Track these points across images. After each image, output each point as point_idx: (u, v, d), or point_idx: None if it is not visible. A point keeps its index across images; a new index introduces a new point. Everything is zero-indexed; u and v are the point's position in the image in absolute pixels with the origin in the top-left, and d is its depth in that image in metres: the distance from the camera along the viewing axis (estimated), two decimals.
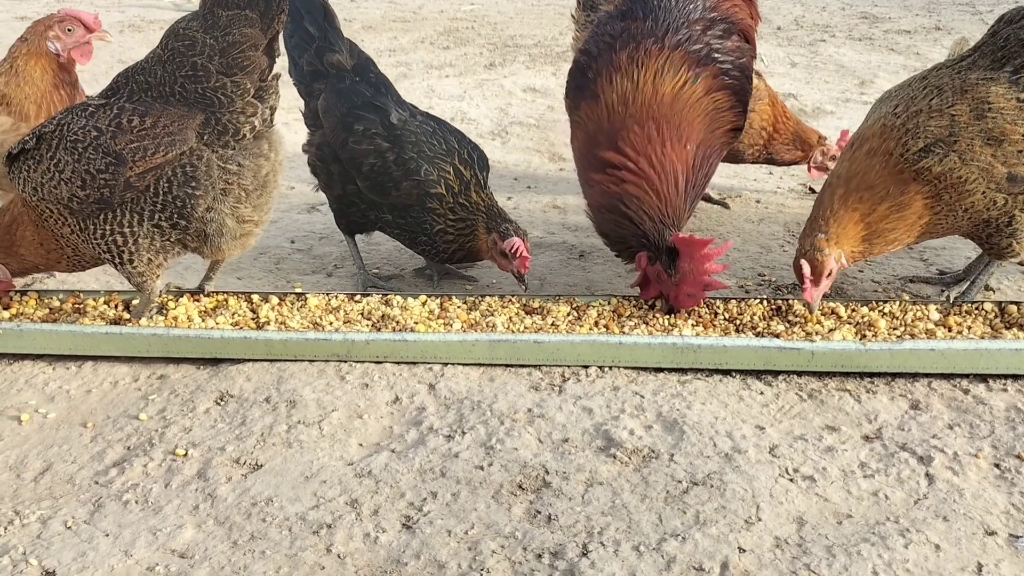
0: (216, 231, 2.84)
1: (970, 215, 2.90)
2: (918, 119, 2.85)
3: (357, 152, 3.25)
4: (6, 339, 2.92)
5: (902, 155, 2.85)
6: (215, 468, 2.42)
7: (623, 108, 3.00)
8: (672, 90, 3.01)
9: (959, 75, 2.88)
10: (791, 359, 2.78)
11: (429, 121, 3.34)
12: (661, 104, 2.99)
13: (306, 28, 3.42)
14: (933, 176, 2.83)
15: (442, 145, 3.24)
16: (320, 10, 3.44)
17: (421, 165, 3.18)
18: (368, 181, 3.25)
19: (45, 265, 3.01)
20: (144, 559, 2.11)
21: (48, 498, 2.33)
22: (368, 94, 3.33)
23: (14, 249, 2.96)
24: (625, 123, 2.98)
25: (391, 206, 3.26)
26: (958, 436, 2.51)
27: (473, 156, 3.28)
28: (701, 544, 2.12)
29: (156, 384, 2.83)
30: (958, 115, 2.82)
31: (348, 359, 2.88)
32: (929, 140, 2.82)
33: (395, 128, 3.24)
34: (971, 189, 2.83)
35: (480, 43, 7.84)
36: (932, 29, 8.08)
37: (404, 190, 3.20)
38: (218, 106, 2.73)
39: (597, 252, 3.80)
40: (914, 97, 2.90)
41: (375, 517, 2.23)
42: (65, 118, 2.80)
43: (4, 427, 2.63)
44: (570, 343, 2.84)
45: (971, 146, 2.80)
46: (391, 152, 3.21)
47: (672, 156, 2.95)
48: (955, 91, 2.85)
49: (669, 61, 3.02)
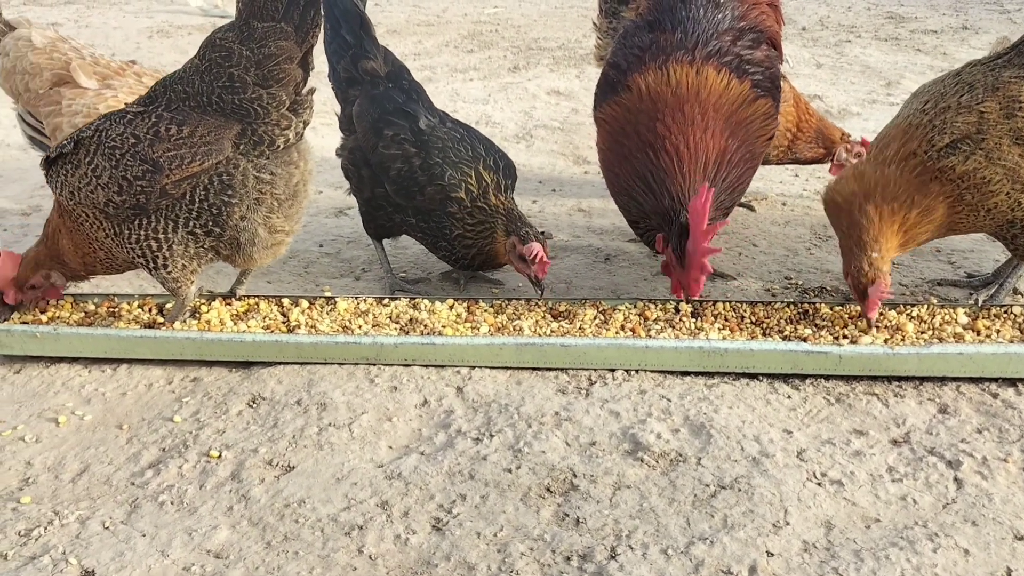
0: (249, 240, 2.88)
1: (993, 216, 2.88)
2: (946, 115, 2.82)
3: (386, 157, 3.30)
4: (44, 342, 2.99)
5: (926, 152, 2.83)
6: (248, 470, 2.46)
7: (664, 90, 2.98)
8: (719, 85, 2.99)
9: (992, 72, 2.85)
10: (818, 363, 2.78)
11: (458, 128, 3.39)
12: (710, 90, 2.97)
13: (343, 36, 3.50)
14: (956, 175, 2.81)
15: (468, 151, 3.27)
16: (356, 19, 3.51)
17: (445, 170, 3.22)
18: (395, 185, 3.30)
19: (86, 271, 3.07)
20: (180, 559, 2.15)
21: (86, 499, 2.38)
22: (400, 100, 3.39)
23: (61, 257, 3.03)
24: (667, 102, 2.96)
25: (415, 210, 3.31)
26: (987, 440, 2.51)
27: (499, 164, 3.31)
28: (729, 548, 2.13)
29: (190, 387, 2.88)
30: (987, 112, 2.78)
31: (377, 362, 2.92)
32: (955, 136, 2.79)
33: (423, 134, 3.28)
34: (995, 190, 2.81)
35: (504, 46, 7.87)
36: (959, 29, 8.01)
37: (428, 195, 3.25)
38: (254, 117, 2.78)
39: (623, 255, 3.81)
40: (944, 93, 2.87)
41: (405, 519, 2.27)
42: (104, 124, 2.85)
43: (42, 429, 2.69)
44: (597, 347, 2.85)
45: (999, 145, 2.78)
46: (417, 157, 3.25)
47: (710, 143, 2.93)
48: (986, 88, 2.81)
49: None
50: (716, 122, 2.96)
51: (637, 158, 3.04)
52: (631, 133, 3.05)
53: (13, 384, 2.93)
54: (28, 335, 2.98)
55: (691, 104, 2.95)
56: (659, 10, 3.21)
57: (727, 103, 3.03)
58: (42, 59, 3.71)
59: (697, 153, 2.94)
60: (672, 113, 2.97)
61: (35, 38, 3.76)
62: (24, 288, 3.07)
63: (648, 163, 3.00)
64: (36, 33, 3.79)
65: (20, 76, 3.77)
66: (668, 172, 2.96)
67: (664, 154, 2.96)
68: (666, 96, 2.99)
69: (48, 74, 3.69)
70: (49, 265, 3.05)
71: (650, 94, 3.02)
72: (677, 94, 2.98)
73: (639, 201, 3.08)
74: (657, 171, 2.98)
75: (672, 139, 2.95)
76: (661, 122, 2.99)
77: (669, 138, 2.96)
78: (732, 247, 3.85)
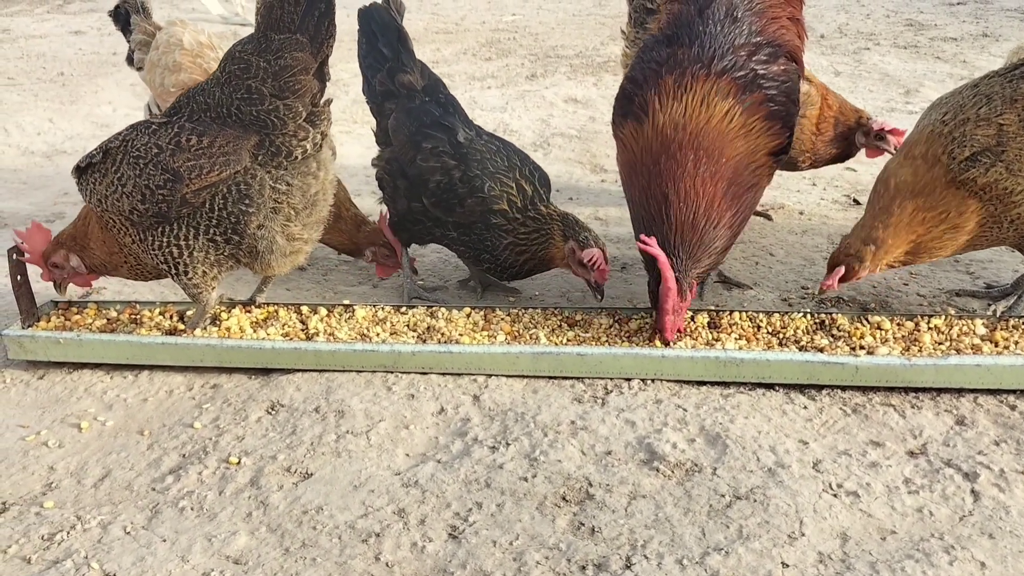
0: (267, 248, 2.92)
1: (1016, 227, 2.88)
2: (965, 127, 2.84)
3: (424, 169, 3.30)
4: (67, 348, 3.03)
5: (948, 165, 2.84)
6: (267, 476, 2.49)
7: (671, 133, 3.02)
8: (716, 121, 3.03)
9: (1010, 84, 2.85)
10: (835, 373, 2.78)
11: (494, 140, 3.40)
12: (705, 134, 3.01)
13: (380, 49, 3.50)
14: (979, 187, 2.82)
15: (504, 162, 3.28)
16: (394, 32, 3.52)
17: (485, 182, 3.22)
18: (434, 198, 3.30)
19: (110, 265, 3.11)
20: (200, 565, 2.18)
21: (108, 504, 2.41)
22: (437, 113, 3.39)
23: (87, 242, 3.09)
24: (668, 149, 3.01)
25: (455, 224, 3.30)
26: (1004, 452, 2.50)
27: (535, 174, 3.33)
28: (744, 559, 2.13)
29: (210, 393, 2.92)
30: (1007, 124, 2.79)
31: (395, 370, 2.95)
32: (976, 149, 2.81)
33: (462, 147, 3.28)
34: (1017, 200, 2.82)
35: (522, 54, 7.89)
36: (979, 36, 7.97)
37: (468, 207, 3.25)
38: (272, 128, 2.82)
39: (639, 264, 3.82)
40: (963, 105, 2.89)
41: (422, 526, 2.28)
42: (130, 135, 2.91)
43: (65, 434, 2.73)
44: (613, 356, 2.87)
45: (1019, 156, 2.78)
46: (457, 170, 3.25)
47: (699, 191, 2.96)
48: (1005, 100, 2.82)
49: (716, 88, 3.05)
50: (708, 166, 2.99)
51: (636, 196, 3.09)
52: (639, 169, 3.10)
53: (37, 389, 2.97)
54: (52, 341, 3.03)
55: (686, 150, 2.99)
56: (677, 25, 3.23)
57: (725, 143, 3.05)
58: (186, 60, 3.89)
59: (687, 200, 2.97)
60: (668, 159, 3.01)
61: (185, 39, 3.98)
62: (47, 264, 3.14)
63: (644, 202, 3.04)
64: (188, 34, 4.02)
65: (160, 70, 4.00)
66: (655, 218, 2.99)
67: (653, 200, 3.00)
68: (671, 137, 3.03)
69: (184, 76, 3.85)
70: (71, 246, 3.11)
71: (658, 131, 3.05)
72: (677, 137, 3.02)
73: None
74: (647, 215, 3.02)
75: (662, 186, 2.99)
76: (658, 165, 3.02)
77: (660, 184, 2.99)
78: (749, 256, 3.85)
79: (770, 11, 3.28)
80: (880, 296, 3.40)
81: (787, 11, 3.36)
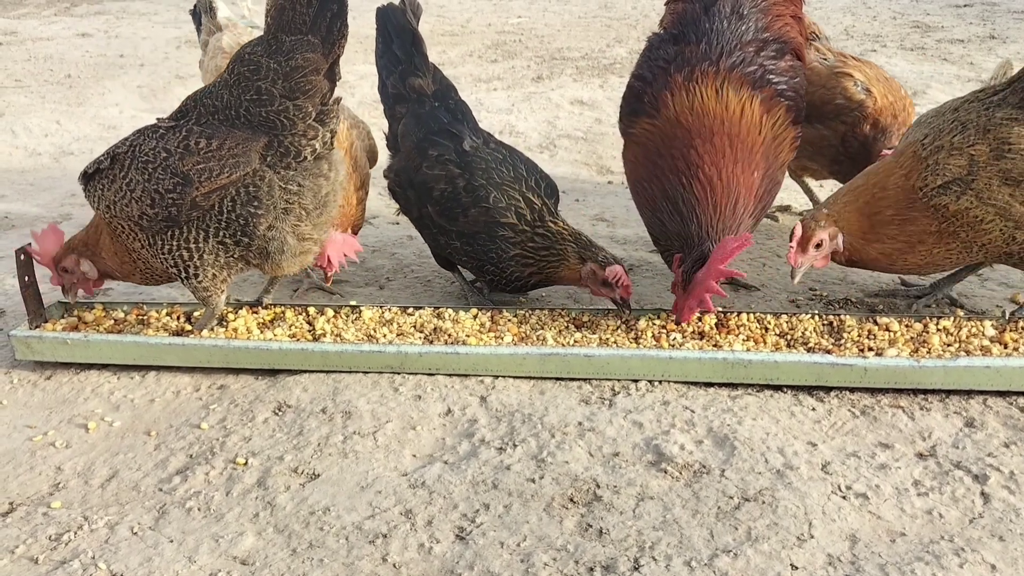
0: (277, 248, 2.92)
1: (987, 250, 2.92)
2: (939, 156, 2.87)
3: (429, 177, 3.28)
4: (74, 349, 3.03)
5: (920, 188, 2.88)
6: (274, 477, 2.49)
7: (694, 118, 3.02)
8: (739, 108, 3.03)
9: (986, 112, 2.87)
10: (843, 375, 2.77)
11: (501, 149, 3.36)
12: (732, 120, 3.01)
13: (394, 52, 3.49)
14: (950, 213, 2.86)
15: (511, 172, 3.24)
16: (409, 35, 3.50)
17: (490, 192, 3.19)
18: (438, 206, 3.28)
19: (120, 272, 3.12)
20: (207, 565, 2.18)
21: (115, 504, 2.41)
22: (445, 120, 3.37)
23: (98, 250, 3.09)
24: (699, 132, 3.00)
25: (459, 233, 3.27)
26: (1014, 455, 2.49)
27: (541, 184, 3.28)
28: (753, 560, 2.12)
29: (216, 394, 2.92)
30: (977, 155, 2.82)
31: (402, 371, 2.94)
32: (947, 179, 2.84)
33: (467, 155, 3.26)
34: (987, 228, 2.86)
35: (528, 56, 7.90)
36: (986, 38, 7.95)
37: (472, 217, 3.22)
38: (281, 129, 2.81)
39: (646, 266, 3.82)
40: (941, 130, 2.92)
41: (429, 528, 2.28)
42: (138, 139, 2.91)
43: (72, 435, 2.73)
44: (620, 357, 2.86)
45: (988, 185, 2.81)
46: (461, 179, 3.23)
47: (740, 178, 2.98)
48: (978, 129, 2.85)
49: (726, 83, 3.04)
50: (744, 154, 3.00)
51: (669, 180, 3.06)
52: (665, 155, 3.08)
53: (44, 390, 2.98)
54: (59, 342, 3.03)
55: (720, 136, 3.00)
56: (683, 23, 3.24)
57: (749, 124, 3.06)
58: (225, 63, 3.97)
59: (729, 186, 2.97)
60: (704, 143, 3.01)
61: (224, 41, 4.12)
62: (57, 267, 3.14)
63: (680, 188, 3.02)
64: (227, 36, 4.15)
65: (205, 74, 4.34)
66: (700, 200, 3.00)
67: (697, 183, 3.00)
68: (699, 124, 3.04)
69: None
70: (82, 251, 3.11)
71: (680, 120, 3.05)
72: (706, 123, 3.03)
73: (663, 220, 3.11)
74: (688, 197, 3.01)
75: (706, 169, 2.99)
76: (695, 150, 3.02)
77: (703, 168, 2.99)
78: (756, 258, 3.84)
79: (774, 8, 3.29)
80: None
81: (790, 9, 3.37)
